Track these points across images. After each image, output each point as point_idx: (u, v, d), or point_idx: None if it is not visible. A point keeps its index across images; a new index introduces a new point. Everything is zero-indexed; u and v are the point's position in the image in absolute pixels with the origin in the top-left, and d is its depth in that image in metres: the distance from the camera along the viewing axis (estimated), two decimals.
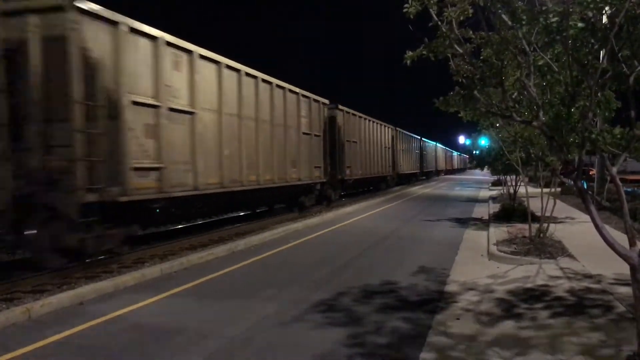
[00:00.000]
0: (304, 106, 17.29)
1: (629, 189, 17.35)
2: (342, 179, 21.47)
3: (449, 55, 4.46)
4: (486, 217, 15.96)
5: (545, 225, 10.55)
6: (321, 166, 18.90)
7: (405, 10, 4.18)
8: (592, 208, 3.93)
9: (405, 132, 37.71)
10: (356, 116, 23.66)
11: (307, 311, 6.23)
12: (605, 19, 3.74)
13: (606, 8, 3.55)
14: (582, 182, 4.25)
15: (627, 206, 4.01)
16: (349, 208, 20.10)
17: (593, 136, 3.92)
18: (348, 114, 22.41)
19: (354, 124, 23.36)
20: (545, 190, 11.83)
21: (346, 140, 21.75)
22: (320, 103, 18.89)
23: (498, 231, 12.17)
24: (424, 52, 4.40)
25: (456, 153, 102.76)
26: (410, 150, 40.37)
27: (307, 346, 5.04)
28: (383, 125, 29.42)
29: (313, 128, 18.06)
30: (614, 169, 4.00)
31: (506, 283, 7.37)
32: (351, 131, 22.69)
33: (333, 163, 20.38)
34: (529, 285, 7.15)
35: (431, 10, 4.16)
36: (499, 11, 3.98)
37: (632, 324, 5.07)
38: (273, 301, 6.74)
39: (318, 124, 18.68)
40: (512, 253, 9.31)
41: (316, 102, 18.44)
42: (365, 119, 25.26)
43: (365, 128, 25.29)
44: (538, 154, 8.82)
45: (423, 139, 48.70)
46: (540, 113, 4.20)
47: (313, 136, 18.04)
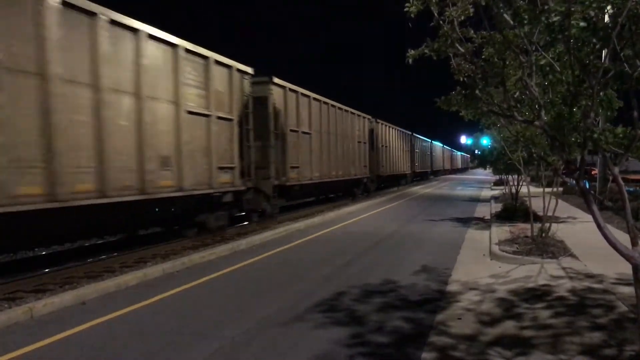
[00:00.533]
0: (356, 122, 24.39)
1: (631, 189, 17.29)
2: (379, 175, 28.76)
3: (450, 54, 4.45)
4: (488, 217, 15.95)
5: (547, 225, 10.54)
6: (367, 165, 26.00)
7: (406, 9, 4.17)
8: (594, 208, 3.92)
9: (420, 137, 46.19)
10: (386, 126, 31.11)
11: (308, 310, 6.24)
12: (607, 18, 3.74)
13: (608, 7, 3.54)
14: (584, 182, 4.24)
15: (629, 206, 4.00)
16: (351, 207, 20.13)
17: (595, 136, 3.91)
18: (384, 125, 30.19)
19: (386, 133, 30.99)
20: (547, 189, 11.81)
21: (381, 145, 29.36)
22: (366, 119, 26.23)
23: (500, 231, 12.17)
24: (426, 51, 4.39)
25: (458, 153, 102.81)
26: (424, 151, 49.00)
27: (308, 345, 5.04)
28: (404, 132, 37.50)
29: (362, 137, 25.25)
30: (616, 169, 3.99)
31: (508, 283, 7.37)
32: (384, 138, 30.26)
33: (371, 162, 26.86)
34: (531, 285, 7.15)
35: (433, 8, 4.15)
36: (501, 10, 3.97)
37: (634, 324, 5.07)
38: (274, 300, 6.75)
39: (364, 134, 25.69)
40: (514, 253, 9.31)
41: (363, 118, 25.70)
42: (393, 128, 33.38)
43: (391, 134, 32.92)
44: (540, 154, 8.78)
45: (432, 142, 55.83)
46: (542, 112, 4.19)
47: (362, 143, 25.23)
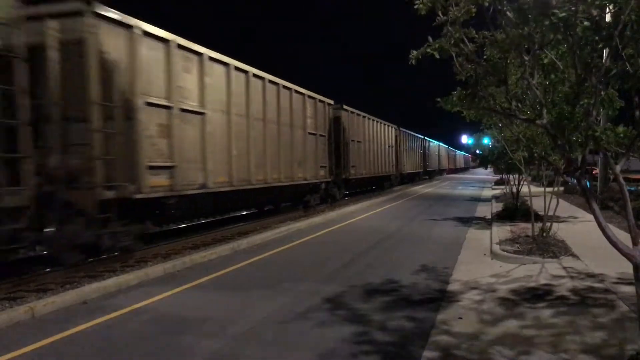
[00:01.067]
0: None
1: (632, 188, 17.28)
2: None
3: (453, 54, 4.45)
4: (489, 216, 15.95)
5: (548, 224, 10.54)
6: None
7: (415, 6, 4.18)
8: (595, 207, 3.92)
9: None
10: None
11: (310, 309, 6.25)
12: (609, 18, 3.74)
13: (610, 6, 3.54)
14: (586, 181, 4.24)
15: (631, 205, 4.01)
16: (352, 207, 20.11)
17: (596, 135, 3.91)
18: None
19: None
20: (548, 189, 11.81)
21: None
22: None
23: (501, 230, 12.17)
24: (429, 51, 4.39)
25: (459, 152, 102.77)
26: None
27: (311, 343, 5.05)
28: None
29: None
30: (618, 168, 3.99)
31: (509, 282, 7.37)
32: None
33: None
34: (532, 284, 7.15)
35: (437, 8, 4.15)
36: (505, 9, 3.96)
37: (635, 323, 5.07)
38: (275, 300, 6.76)
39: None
40: (515, 252, 9.31)
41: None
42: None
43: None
44: (541, 153, 8.80)
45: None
46: (543, 112, 4.19)
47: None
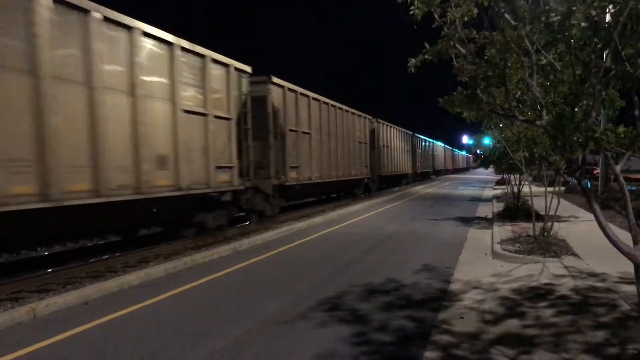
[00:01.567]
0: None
1: (633, 188, 17.29)
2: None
3: (453, 55, 4.45)
4: (490, 216, 15.95)
5: (549, 224, 10.55)
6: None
7: (411, 12, 4.17)
8: (596, 206, 3.93)
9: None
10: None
11: (311, 309, 6.26)
12: (608, 18, 3.74)
13: (609, 6, 3.55)
14: (586, 181, 4.25)
15: (631, 205, 4.01)
16: (353, 207, 20.13)
17: (597, 135, 3.92)
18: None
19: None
20: (549, 189, 11.81)
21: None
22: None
23: (502, 230, 12.18)
24: (427, 57, 4.39)
25: (460, 152, 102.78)
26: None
27: (312, 344, 5.06)
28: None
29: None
30: (618, 168, 4.00)
31: (510, 282, 7.38)
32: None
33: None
34: (533, 283, 7.15)
35: (433, 11, 4.15)
36: (502, 10, 3.97)
37: (637, 323, 5.09)
38: (276, 300, 6.77)
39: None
40: (516, 252, 9.31)
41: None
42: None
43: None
44: (541, 153, 8.80)
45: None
46: (543, 112, 4.20)
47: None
